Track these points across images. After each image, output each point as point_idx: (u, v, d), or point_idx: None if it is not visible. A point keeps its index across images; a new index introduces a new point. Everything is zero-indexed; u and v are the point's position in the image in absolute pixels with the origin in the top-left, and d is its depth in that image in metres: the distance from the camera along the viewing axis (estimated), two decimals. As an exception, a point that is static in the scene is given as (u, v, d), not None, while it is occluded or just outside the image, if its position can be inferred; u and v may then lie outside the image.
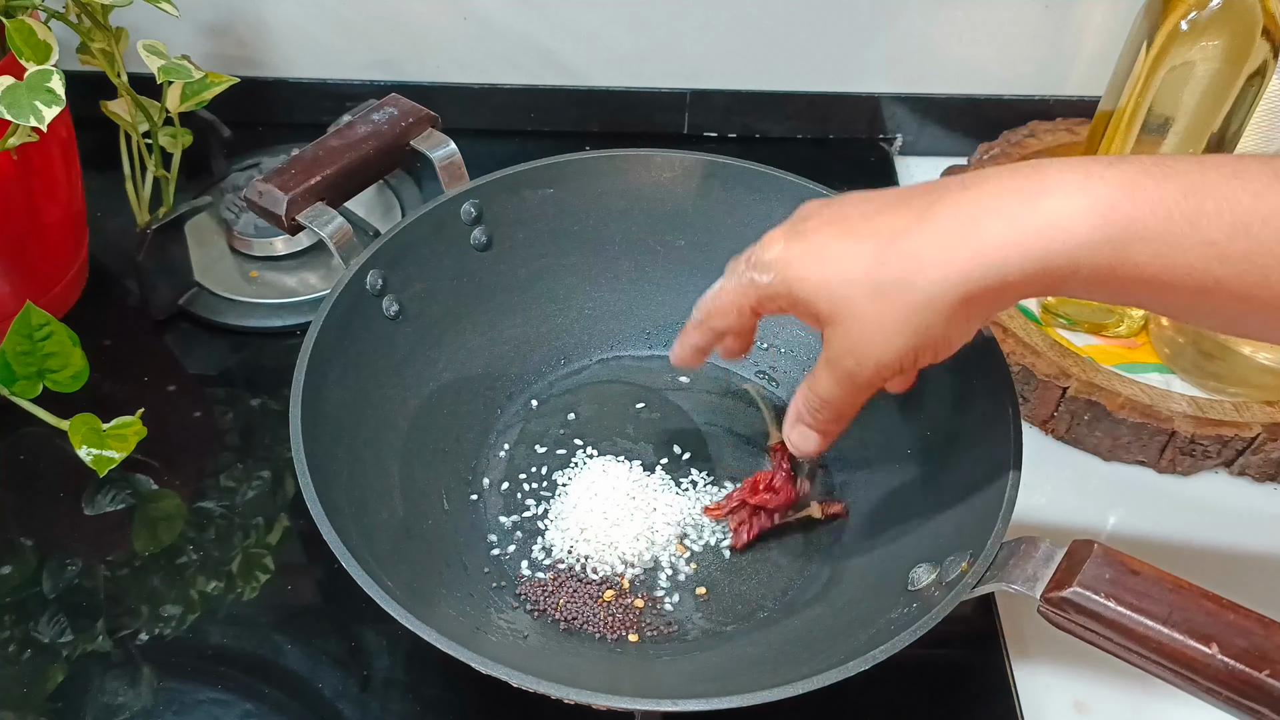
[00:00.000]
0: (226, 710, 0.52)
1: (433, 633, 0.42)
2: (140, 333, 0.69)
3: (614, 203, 0.63)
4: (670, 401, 0.63)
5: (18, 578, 0.57)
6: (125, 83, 0.64)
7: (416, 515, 0.54)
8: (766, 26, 0.78)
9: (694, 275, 0.64)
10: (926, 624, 0.43)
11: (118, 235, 0.73)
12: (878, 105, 0.82)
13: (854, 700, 0.53)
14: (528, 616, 0.53)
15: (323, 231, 0.55)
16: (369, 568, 0.44)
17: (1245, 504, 0.62)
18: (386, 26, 0.79)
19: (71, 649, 0.54)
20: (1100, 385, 0.62)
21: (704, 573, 0.56)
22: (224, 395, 0.66)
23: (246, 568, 0.58)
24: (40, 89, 0.54)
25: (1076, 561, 0.41)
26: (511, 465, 0.60)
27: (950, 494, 0.51)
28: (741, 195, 0.62)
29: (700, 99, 0.82)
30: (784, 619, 0.53)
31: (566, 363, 0.64)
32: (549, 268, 0.63)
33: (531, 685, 0.41)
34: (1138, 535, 0.61)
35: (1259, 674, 0.37)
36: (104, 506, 0.60)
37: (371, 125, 0.59)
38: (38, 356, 0.60)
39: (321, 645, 0.54)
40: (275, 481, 0.61)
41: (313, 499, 0.46)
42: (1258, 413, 0.62)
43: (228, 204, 0.74)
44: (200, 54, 0.79)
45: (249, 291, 0.71)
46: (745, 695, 0.41)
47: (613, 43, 0.79)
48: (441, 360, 0.60)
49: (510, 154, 0.62)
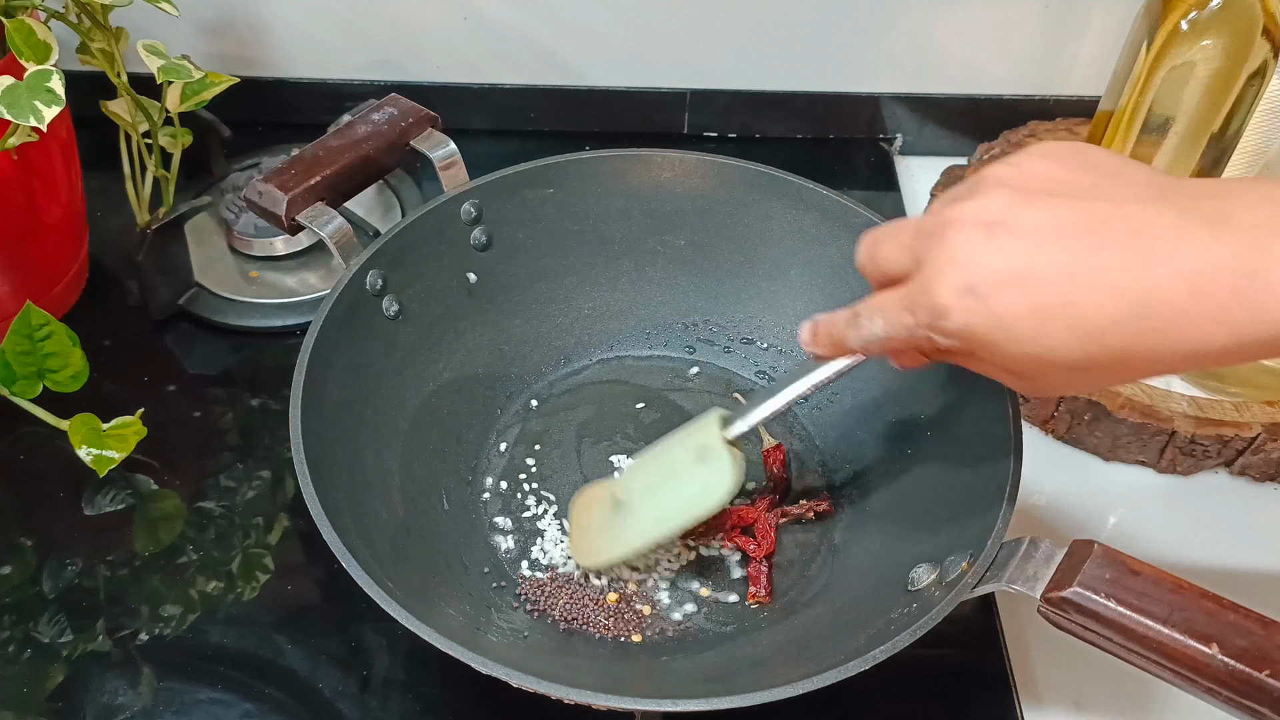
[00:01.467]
0: (226, 710, 0.52)
1: (433, 633, 0.42)
2: (140, 333, 0.69)
3: (614, 203, 0.63)
4: (670, 401, 0.63)
5: (18, 578, 0.57)
6: (125, 83, 0.64)
7: (416, 515, 0.54)
8: (766, 26, 0.78)
9: (694, 275, 0.64)
10: (926, 624, 0.43)
11: (118, 235, 0.73)
12: (878, 105, 0.83)
13: (854, 700, 0.53)
14: (528, 616, 0.53)
15: (323, 231, 0.55)
16: (369, 568, 0.44)
17: (1245, 504, 0.62)
18: (386, 26, 0.79)
19: (71, 649, 0.54)
20: (1100, 385, 0.62)
21: (705, 573, 0.56)
22: (224, 395, 0.66)
23: (246, 568, 0.58)
24: (40, 89, 0.54)
25: (1076, 561, 0.41)
26: (511, 465, 0.60)
27: (950, 494, 0.51)
28: (741, 195, 0.62)
29: (700, 99, 0.82)
30: (784, 619, 0.53)
31: (566, 363, 0.64)
32: (549, 268, 0.63)
33: (531, 685, 0.41)
34: (1138, 535, 0.61)
35: (1259, 674, 0.37)
36: (104, 506, 0.60)
37: (371, 125, 0.59)
38: (38, 356, 0.60)
39: (321, 645, 0.54)
40: (275, 481, 0.61)
41: (313, 499, 0.46)
42: (1258, 413, 0.62)
43: (228, 204, 0.74)
44: (200, 54, 0.79)
45: (249, 291, 0.71)
46: (745, 695, 0.41)
47: (613, 43, 0.79)
48: (441, 360, 0.60)
49: (510, 154, 0.62)
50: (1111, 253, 0.33)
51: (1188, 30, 0.56)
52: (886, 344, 0.40)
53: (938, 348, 0.37)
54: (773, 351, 0.64)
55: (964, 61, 0.80)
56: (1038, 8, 0.77)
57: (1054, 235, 0.34)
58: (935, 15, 0.77)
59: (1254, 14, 0.55)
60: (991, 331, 0.34)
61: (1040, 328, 0.34)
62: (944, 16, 0.77)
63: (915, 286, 0.37)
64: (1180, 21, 0.56)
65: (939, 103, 0.82)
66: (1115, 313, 0.33)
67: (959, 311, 0.35)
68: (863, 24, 0.78)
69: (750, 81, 0.82)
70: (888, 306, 0.39)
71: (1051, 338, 0.34)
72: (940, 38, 0.78)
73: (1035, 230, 0.34)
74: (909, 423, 0.57)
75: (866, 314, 0.40)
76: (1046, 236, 0.34)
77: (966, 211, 0.36)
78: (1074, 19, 0.77)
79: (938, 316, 0.36)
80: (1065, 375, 0.35)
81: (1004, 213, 0.35)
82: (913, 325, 0.37)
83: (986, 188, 0.36)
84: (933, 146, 0.84)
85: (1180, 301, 0.32)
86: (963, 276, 0.35)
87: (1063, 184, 0.35)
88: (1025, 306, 0.34)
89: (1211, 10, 0.55)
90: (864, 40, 0.79)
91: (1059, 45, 0.79)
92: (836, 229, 0.60)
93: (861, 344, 0.41)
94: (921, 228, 0.38)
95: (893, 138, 0.84)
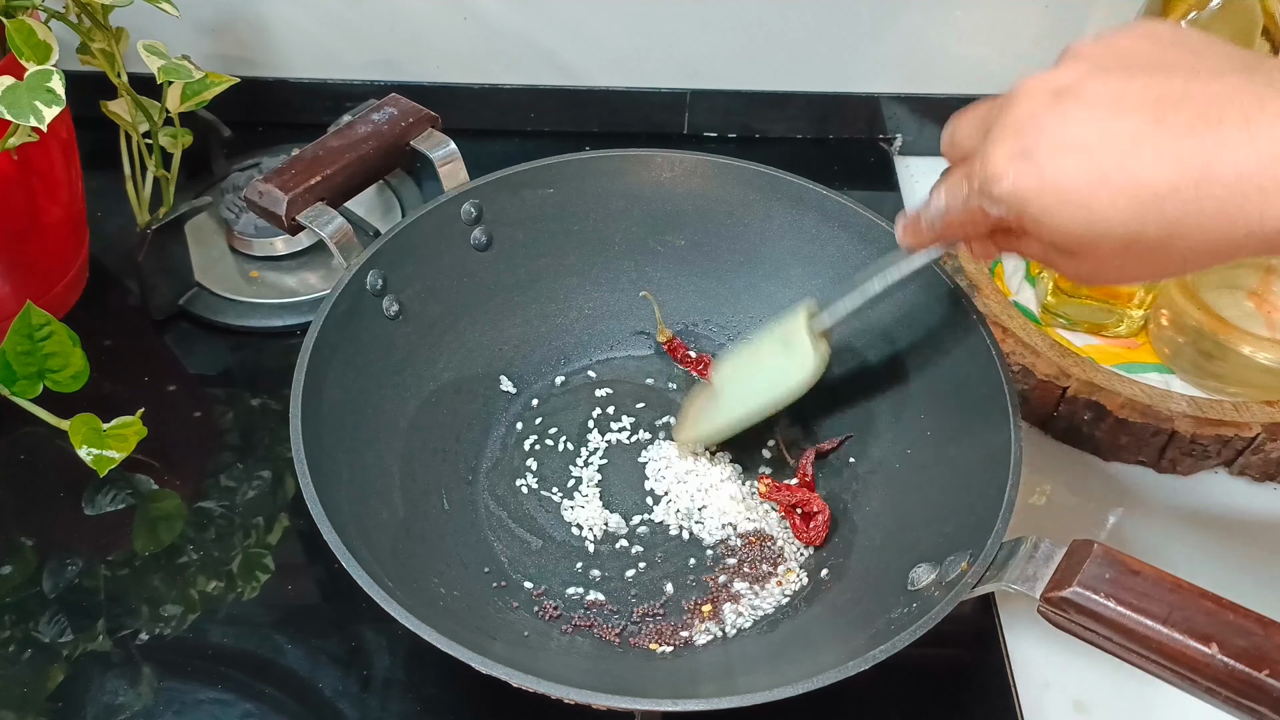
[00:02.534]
0: (226, 710, 0.52)
1: (433, 633, 0.42)
2: (140, 333, 0.69)
3: (614, 203, 0.63)
4: (671, 401, 0.63)
5: (18, 578, 0.57)
6: (125, 83, 0.64)
7: (416, 515, 0.54)
8: (766, 26, 0.78)
9: (694, 275, 0.64)
10: (926, 624, 0.43)
11: (118, 235, 0.73)
12: (878, 105, 0.82)
13: (854, 700, 0.53)
14: (528, 616, 0.53)
15: (323, 231, 0.55)
16: (369, 568, 0.44)
17: (1245, 504, 0.62)
18: (386, 26, 0.79)
19: (71, 649, 0.54)
20: (1100, 385, 0.62)
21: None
22: (224, 395, 0.67)
23: (246, 568, 0.58)
24: (40, 89, 0.54)
25: (1076, 561, 0.41)
26: (511, 465, 0.60)
27: (950, 494, 0.51)
28: (741, 195, 0.62)
29: (700, 99, 0.82)
30: (784, 619, 0.53)
31: (566, 363, 0.64)
32: (549, 268, 0.63)
33: (531, 685, 0.41)
34: (1138, 535, 0.61)
35: (1259, 674, 0.37)
36: (104, 506, 0.60)
37: (371, 125, 0.59)
38: (38, 356, 0.60)
39: (321, 645, 0.54)
40: (275, 481, 0.61)
41: (313, 499, 0.46)
42: (1258, 412, 0.62)
43: (228, 204, 0.74)
44: (200, 54, 0.79)
45: (249, 291, 0.71)
46: (745, 695, 0.41)
47: (613, 43, 0.79)
48: (441, 360, 0.60)
49: (510, 154, 0.62)
50: (1180, 120, 0.32)
51: (1188, 30, 0.56)
52: (948, 218, 0.40)
53: (989, 219, 0.37)
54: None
55: (964, 61, 0.80)
56: (1038, 8, 0.77)
57: (1122, 106, 0.33)
58: (935, 15, 0.77)
59: (1254, 14, 0.55)
60: (1041, 195, 0.34)
61: (1093, 193, 0.33)
62: (944, 16, 0.77)
63: (978, 155, 0.36)
64: (1180, 22, 0.56)
65: (939, 103, 0.82)
66: (1175, 179, 0.31)
67: (1010, 176, 0.34)
68: (863, 24, 0.78)
69: (750, 81, 0.82)
70: (951, 179, 0.39)
71: (1104, 202, 0.33)
72: (940, 38, 0.78)
73: (1104, 100, 0.33)
74: (909, 423, 0.57)
75: (935, 192, 0.40)
76: (1114, 107, 0.33)
77: (1041, 81, 0.35)
78: (1074, 19, 0.77)
79: (990, 181, 0.35)
80: (1112, 253, 0.34)
81: (1076, 82, 0.34)
82: (967, 194, 0.37)
83: (1067, 59, 0.36)
84: (933, 146, 0.83)
85: (1250, 169, 0.30)
86: (1021, 142, 0.34)
87: (1146, 58, 0.34)
88: (1079, 172, 0.33)
89: (1211, 10, 0.55)
90: (864, 40, 0.79)
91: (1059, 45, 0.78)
92: (836, 229, 0.60)
93: (929, 223, 0.41)
94: (997, 99, 0.37)
95: (893, 138, 0.84)
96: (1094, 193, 0.33)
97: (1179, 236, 0.32)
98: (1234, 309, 0.64)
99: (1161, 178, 0.32)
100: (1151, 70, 0.34)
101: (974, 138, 0.38)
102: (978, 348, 0.53)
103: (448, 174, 0.60)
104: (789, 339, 0.54)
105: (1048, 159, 0.34)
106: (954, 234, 0.42)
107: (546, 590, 0.54)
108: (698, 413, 0.59)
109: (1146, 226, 0.32)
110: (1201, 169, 0.31)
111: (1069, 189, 0.33)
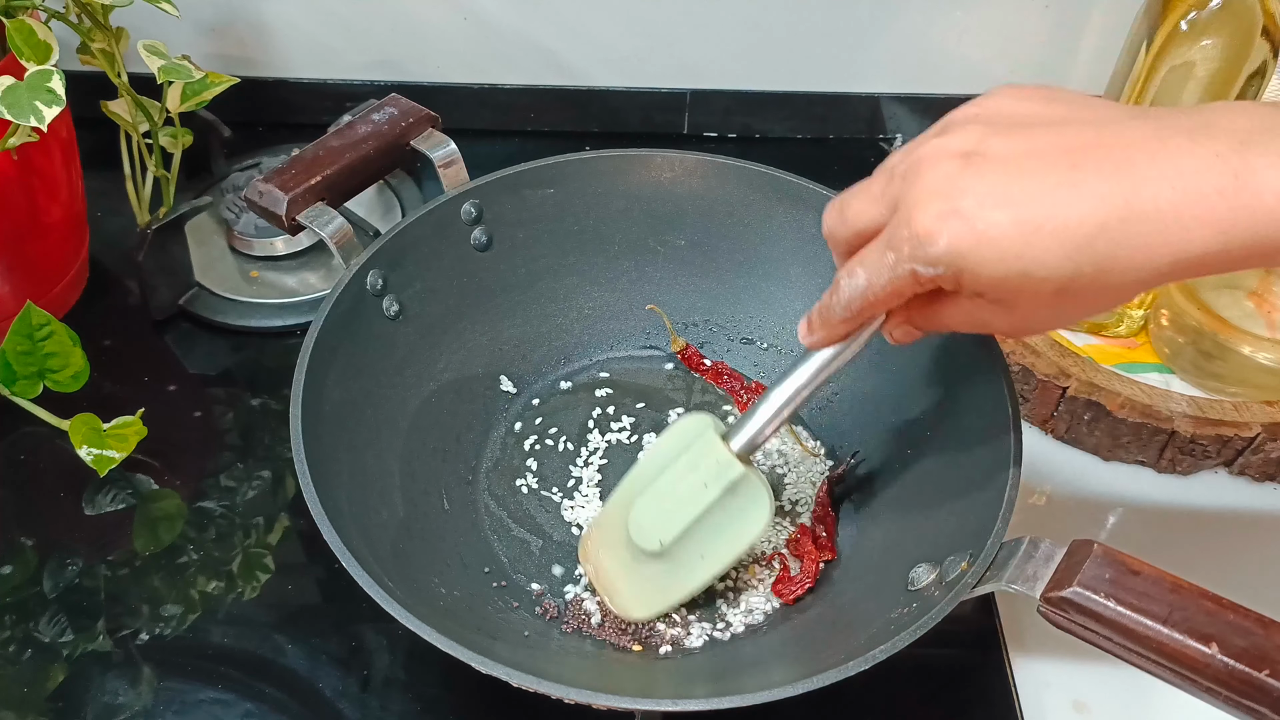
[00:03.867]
0: (226, 710, 0.52)
1: (433, 633, 0.42)
2: (140, 333, 0.69)
3: (614, 203, 0.63)
4: (671, 401, 0.63)
5: (18, 578, 0.57)
6: (125, 83, 0.64)
7: (416, 515, 0.54)
8: (766, 26, 0.78)
9: (694, 275, 0.64)
10: (926, 624, 0.43)
11: (118, 235, 0.73)
12: (878, 105, 0.83)
13: (854, 700, 0.53)
14: (528, 616, 0.53)
15: (323, 231, 0.55)
16: (369, 568, 0.44)
17: (1245, 504, 0.62)
18: (386, 26, 0.79)
19: (71, 649, 0.54)
20: (1100, 385, 0.62)
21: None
22: (224, 395, 0.67)
23: (246, 568, 0.58)
24: (40, 89, 0.54)
25: (1076, 561, 0.41)
26: (511, 465, 0.60)
27: (950, 494, 0.51)
28: (741, 195, 0.62)
29: (700, 99, 0.82)
30: (784, 619, 0.53)
31: (566, 363, 0.65)
32: (549, 268, 0.63)
33: (532, 685, 0.41)
34: (1138, 535, 0.61)
35: (1259, 674, 0.37)
36: (104, 506, 0.60)
37: (371, 125, 0.59)
38: (38, 356, 0.60)
39: (321, 645, 0.54)
40: (275, 481, 0.62)
41: (313, 499, 0.46)
42: (1257, 412, 0.62)
43: (228, 204, 0.74)
44: (200, 54, 0.79)
45: (249, 291, 0.71)
46: (745, 695, 0.41)
47: (613, 43, 0.79)
48: (441, 360, 0.60)
49: (510, 154, 0.62)
50: (1094, 165, 0.33)
51: (1187, 30, 0.56)
52: (869, 294, 0.39)
53: (922, 282, 0.36)
54: (773, 351, 0.64)
55: (964, 61, 0.80)
56: (1038, 8, 0.77)
57: (1033, 158, 0.34)
58: (935, 15, 0.77)
59: (1254, 14, 0.55)
60: (977, 248, 0.34)
61: (1026, 241, 0.34)
62: (944, 16, 0.77)
63: (894, 223, 0.36)
64: (1180, 22, 0.56)
65: (939, 103, 0.82)
66: (1102, 218, 0.33)
67: (945, 235, 0.34)
68: (863, 24, 0.78)
69: (750, 81, 0.82)
70: (867, 255, 0.38)
71: (1038, 249, 0.34)
72: (940, 38, 0.78)
73: (1013, 156, 0.34)
74: (909, 423, 0.57)
75: (847, 273, 0.39)
76: (1025, 160, 0.34)
77: (939, 146, 0.36)
78: (1074, 19, 0.77)
79: (921, 244, 0.35)
80: (1050, 299, 0.35)
81: (978, 145, 0.35)
82: (894, 262, 0.36)
83: (956, 126, 0.37)
84: (933, 146, 0.84)
85: (1167, 202, 0.32)
86: (945, 202, 0.35)
87: (1033, 116, 0.36)
88: (1011, 223, 0.34)
89: (1211, 10, 0.55)
90: (864, 40, 0.79)
91: (1059, 45, 0.79)
92: (836, 229, 0.60)
93: (844, 306, 0.40)
94: (892, 174, 0.37)
95: (893, 138, 0.84)
96: (1028, 241, 0.34)
97: (1111, 272, 0.34)
98: (1234, 309, 0.64)
99: (1090, 218, 0.33)
100: (1050, 125, 0.35)
101: (875, 215, 0.38)
102: (978, 348, 0.53)
103: (448, 174, 0.60)
104: (721, 474, 0.48)
105: (977, 214, 0.34)
106: (875, 311, 0.41)
107: (546, 590, 0.54)
108: (639, 579, 0.52)
109: (1082, 266, 0.34)
110: (1124, 206, 0.33)
111: (1004, 241, 0.34)
